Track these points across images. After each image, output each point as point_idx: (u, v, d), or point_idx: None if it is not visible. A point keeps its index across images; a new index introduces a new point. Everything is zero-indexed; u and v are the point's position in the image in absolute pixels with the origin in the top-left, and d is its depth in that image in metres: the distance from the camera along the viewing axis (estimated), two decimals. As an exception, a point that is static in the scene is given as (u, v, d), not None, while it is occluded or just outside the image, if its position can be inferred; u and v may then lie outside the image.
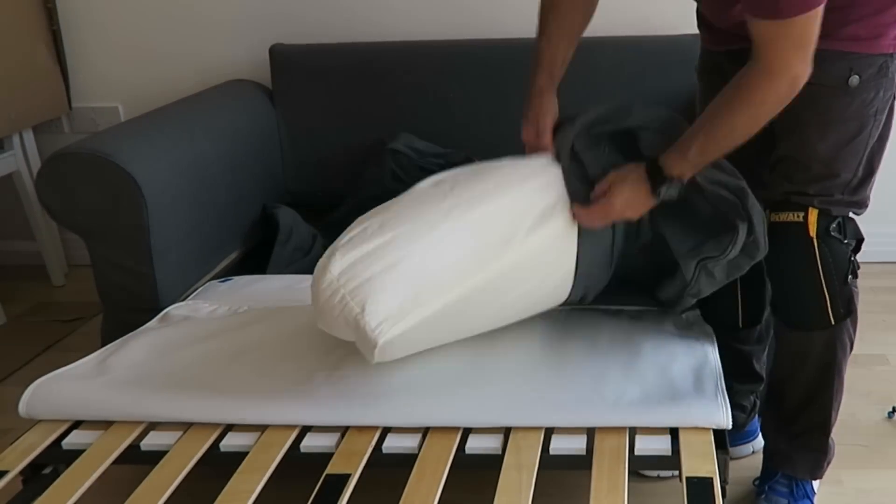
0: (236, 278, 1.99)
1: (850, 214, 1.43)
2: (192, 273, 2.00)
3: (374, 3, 2.61)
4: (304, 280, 1.95)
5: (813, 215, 1.40)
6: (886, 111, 1.40)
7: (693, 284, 1.46)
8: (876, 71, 1.36)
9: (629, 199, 1.37)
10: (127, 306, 1.86)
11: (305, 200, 2.44)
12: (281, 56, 2.50)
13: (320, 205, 2.41)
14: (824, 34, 1.34)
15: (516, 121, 1.56)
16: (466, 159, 2.35)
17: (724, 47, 1.52)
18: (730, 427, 1.35)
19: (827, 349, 1.47)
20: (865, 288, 2.51)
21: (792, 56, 1.22)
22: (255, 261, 2.13)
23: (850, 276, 1.43)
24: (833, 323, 1.43)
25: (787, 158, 1.43)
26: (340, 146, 2.46)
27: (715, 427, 1.34)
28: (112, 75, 2.78)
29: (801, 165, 1.41)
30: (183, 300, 1.87)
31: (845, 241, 1.41)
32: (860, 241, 1.45)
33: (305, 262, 2.14)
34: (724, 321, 1.64)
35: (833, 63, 1.35)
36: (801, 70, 1.23)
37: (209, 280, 2.01)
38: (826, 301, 1.42)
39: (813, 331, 1.46)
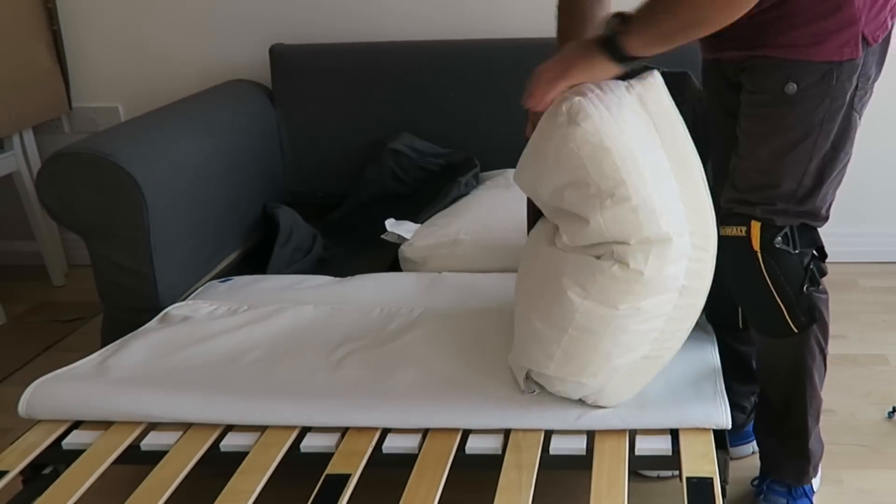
0: (236, 278, 1.99)
1: (810, 223, 1.40)
2: (192, 273, 2.00)
3: (374, 3, 2.61)
4: (304, 280, 1.96)
5: (755, 228, 1.37)
6: (838, 120, 1.34)
7: None
8: (818, 79, 1.31)
9: (585, 68, 1.29)
10: (127, 306, 1.86)
11: (305, 200, 2.44)
12: (281, 56, 2.50)
13: (320, 205, 2.42)
14: (763, 43, 1.33)
15: (516, 121, 1.56)
16: (467, 159, 2.35)
17: (712, 55, 1.50)
18: (729, 427, 1.35)
19: (795, 356, 1.46)
20: (865, 288, 2.53)
21: None
22: (255, 261, 2.14)
23: (807, 286, 1.40)
24: (796, 331, 1.42)
25: (733, 167, 1.41)
26: (340, 146, 2.46)
27: (715, 427, 1.35)
28: (112, 75, 2.78)
29: (743, 174, 1.39)
30: (183, 300, 1.87)
31: (796, 252, 1.38)
32: (821, 248, 1.42)
33: (305, 262, 2.14)
34: (723, 322, 1.64)
35: (771, 71, 1.33)
36: None
37: (209, 280, 2.01)
38: (783, 311, 1.40)
39: (779, 338, 1.45)
